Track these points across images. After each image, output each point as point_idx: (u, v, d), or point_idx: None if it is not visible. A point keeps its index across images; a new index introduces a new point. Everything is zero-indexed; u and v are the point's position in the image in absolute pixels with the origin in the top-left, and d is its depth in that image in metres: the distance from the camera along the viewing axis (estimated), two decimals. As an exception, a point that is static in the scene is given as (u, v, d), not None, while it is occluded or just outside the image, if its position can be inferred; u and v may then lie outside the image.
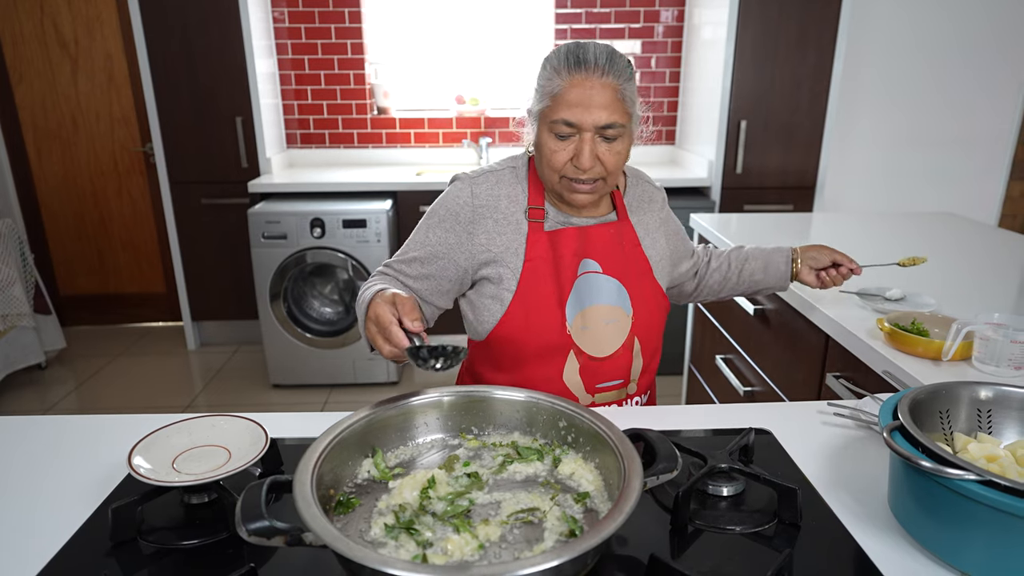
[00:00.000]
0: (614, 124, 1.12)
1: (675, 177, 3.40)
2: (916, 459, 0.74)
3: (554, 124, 1.14)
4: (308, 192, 3.35)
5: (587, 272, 1.25)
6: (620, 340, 1.27)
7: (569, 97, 1.11)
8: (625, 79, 1.13)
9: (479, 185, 1.26)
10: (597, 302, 1.25)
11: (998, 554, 0.73)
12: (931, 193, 3.78)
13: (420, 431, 0.98)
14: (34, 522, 0.88)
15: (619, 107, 1.12)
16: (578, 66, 1.11)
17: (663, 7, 3.65)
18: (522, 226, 1.25)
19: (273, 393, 3.31)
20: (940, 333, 1.33)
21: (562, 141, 1.15)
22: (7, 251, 3.19)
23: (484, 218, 1.24)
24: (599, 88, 1.11)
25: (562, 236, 1.25)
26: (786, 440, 1.07)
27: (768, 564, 0.76)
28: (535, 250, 1.24)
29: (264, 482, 0.74)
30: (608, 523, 0.68)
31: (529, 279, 1.23)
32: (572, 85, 1.11)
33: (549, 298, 1.23)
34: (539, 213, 1.25)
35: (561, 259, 1.24)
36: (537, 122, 1.19)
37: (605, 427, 0.88)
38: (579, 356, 1.26)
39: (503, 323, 1.25)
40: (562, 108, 1.12)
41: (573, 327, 1.24)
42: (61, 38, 3.62)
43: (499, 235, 1.24)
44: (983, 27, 3.51)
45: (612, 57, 1.12)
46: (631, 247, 1.29)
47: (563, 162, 1.16)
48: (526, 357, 1.26)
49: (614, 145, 1.15)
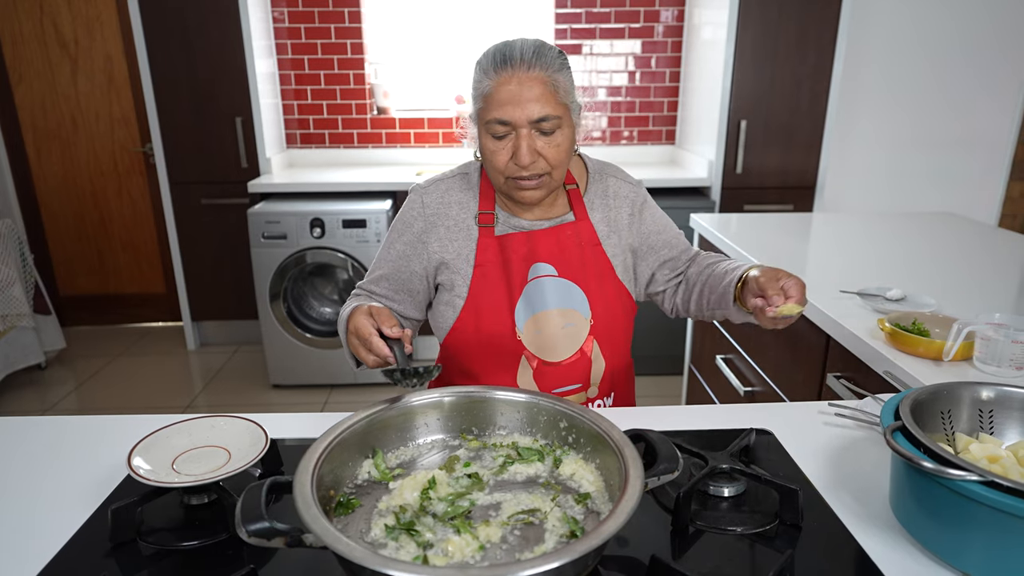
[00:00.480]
0: (548, 117, 1.11)
1: (675, 177, 3.40)
2: (918, 460, 0.74)
3: (489, 124, 1.14)
4: (308, 192, 3.34)
5: (539, 276, 1.24)
6: (577, 344, 1.25)
7: (499, 96, 1.11)
8: (555, 70, 1.12)
9: (429, 194, 1.27)
10: (550, 307, 1.24)
11: (999, 555, 0.72)
12: (931, 193, 3.78)
13: (420, 432, 0.98)
14: (34, 523, 0.88)
15: (551, 99, 1.12)
16: (504, 63, 1.11)
17: (663, 7, 3.65)
18: (473, 232, 1.25)
19: (273, 393, 3.31)
20: (941, 333, 1.33)
21: (500, 141, 1.14)
22: (7, 251, 3.19)
23: (436, 226, 1.26)
24: (528, 82, 1.10)
25: (511, 241, 1.24)
26: (787, 441, 1.07)
27: (770, 565, 0.76)
28: (485, 255, 1.24)
29: (264, 483, 0.74)
30: (609, 524, 0.68)
31: (479, 285, 1.24)
32: (500, 83, 1.11)
33: (499, 303, 1.23)
34: (489, 218, 1.25)
35: (510, 264, 1.24)
36: (476, 125, 1.19)
37: (606, 428, 0.87)
38: (531, 361, 1.25)
39: (456, 329, 1.26)
40: (494, 107, 1.12)
41: (524, 332, 1.24)
42: (61, 38, 3.62)
43: (451, 242, 1.25)
44: (983, 27, 3.51)
45: (539, 50, 1.12)
46: (590, 247, 1.27)
47: (504, 162, 1.15)
48: (480, 362, 1.26)
49: (553, 138, 1.14)
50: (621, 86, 3.79)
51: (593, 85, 3.79)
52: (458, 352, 1.28)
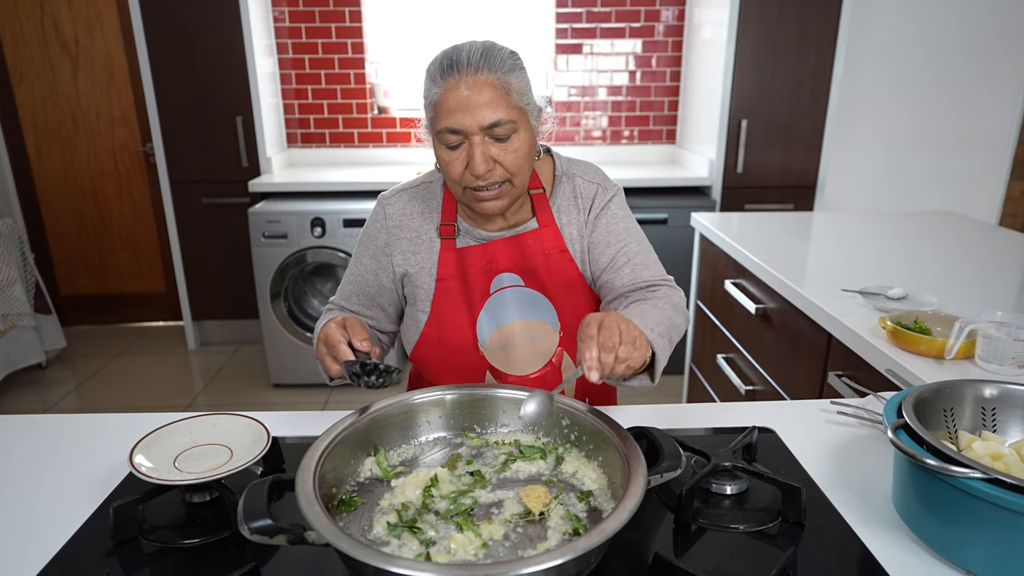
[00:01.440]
0: (500, 122, 1.04)
1: (676, 176, 3.40)
2: (921, 457, 0.74)
3: (440, 134, 1.07)
4: (308, 191, 3.34)
5: (504, 288, 1.20)
6: (546, 356, 1.22)
7: (448, 103, 1.04)
8: (505, 71, 1.05)
9: (392, 205, 1.24)
10: (517, 318, 1.20)
11: (1002, 552, 0.72)
12: (932, 192, 3.78)
13: (422, 429, 0.97)
14: (35, 521, 0.88)
15: (503, 102, 1.04)
16: (451, 69, 1.04)
17: (663, 7, 3.65)
18: (435, 244, 1.21)
19: (273, 393, 3.31)
20: (943, 332, 1.33)
21: (453, 151, 1.07)
22: (7, 251, 3.19)
23: (399, 238, 1.22)
24: (476, 87, 1.03)
25: (471, 253, 1.20)
26: (789, 439, 1.07)
27: (772, 563, 0.75)
28: (446, 269, 1.20)
29: (266, 481, 0.74)
30: (612, 522, 0.68)
31: (441, 299, 1.21)
32: (448, 90, 1.04)
33: (460, 318, 1.20)
34: (450, 230, 1.20)
35: (469, 277, 1.20)
36: (430, 135, 1.12)
37: (608, 425, 0.87)
38: (497, 376, 1.22)
39: (420, 343, 1.24)
40: (443, 116, 1.05)
41: (488, 347, 1.21)
42: (61, 38, 3.62)
43: (413, 254, 1.22)
44: (983, 27, 3.51)
45: (487, 52, 1.05)
46: (556, 254, 1.20)
47: (460, 172, 1.08)
48: (445, 377, 1.24)
49: (509, 143, 1.07)
50: (622, 85, 3.79)
51: (593, 85, 3.79)
52: (424, 366, 1.26)
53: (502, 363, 1.22)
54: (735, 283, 2.11)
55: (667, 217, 3.20)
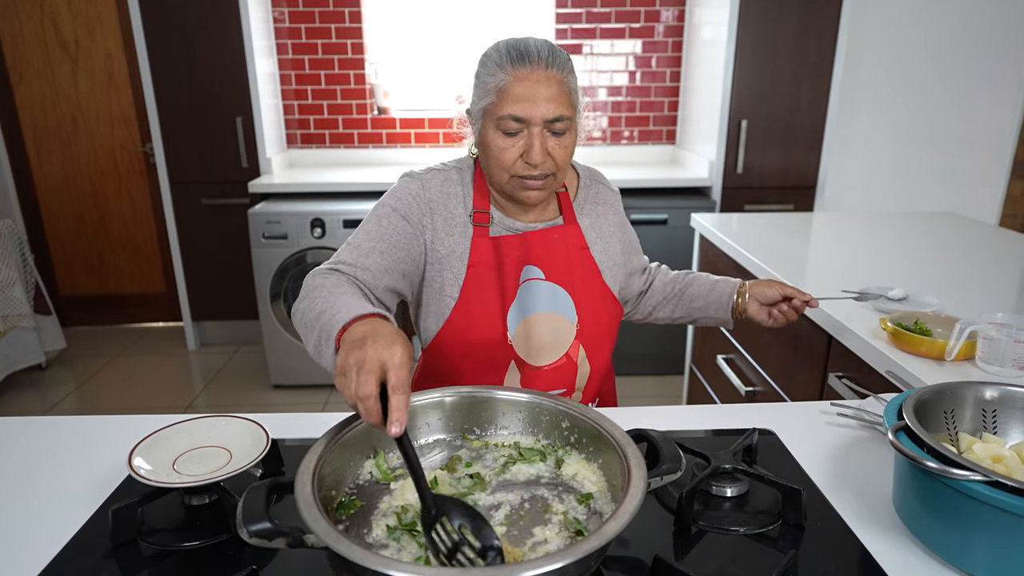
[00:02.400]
0: (562, 117, 1.10)
1: (676, 177, 3.40)
2: (921, 459, 0.74)
3: (501, 120, 1.10)
4: (308, 192, 3.34)
5: (529, 279, 1.21)
6: (563, 349, 1.23)
7: (515, 91, 1.08)
8: (568, 71, 1.11)
9: (429, 180, 1.22)
10: (539, 310, 1.21)
11: (1003, 555, 0.72)
12: (932, 192, 3.78)
13: (422, 432, 0.97)
14: (34, 523, 0.87)
15: (565, 100, 1.10)
16: (521, 60, 1.08)
17: (663, 7, 3.65)
18: (468, 230, 1.20)
19: (273, 393, 3.31)
20: (943, 333, 1.33)
21: (510, 138, 1.11)
22: (7, 251, 3.19)
23: (434, 214, 1.20)
24: (545, 81, 1.08)
25: (506, 243, 1.20)
26: (790, 440, 1.06)
27: (773, 565, 0.75)
28: (479, 255, 1.19)
29: (265, 483, 0.73)
30: (612, 524, 0.67)
31: (472, 286, 1.19)
32: (517, 79, 1.08)
33: (492, 307, 1.19)
34: (484, 217, 1.21)
35: (504, 267, 1.20)
36: (481, 120, 1.15)
37: (608, 428, 0.87)
38: (520, 367, 1.22)
39: (444, 331, 1.21)
40: (508, 103, 1.09)
41: (515, 337, 1.21)
42: (61, 38, 3.62)
43: (447, 235, 1.20)
44: (983, 26, 3.51)
45: (553, 50, 1.11)
46: (577, 251, 1.24)
47: (513, 159, 1.12)
48: (467, 367, 1.22)
49: (563, 139, 1.12)
50: (621, 86, 3.79)
51: (593, 85, 3.79)
52: (444, 356, 1.23)
53: (524, 353, 1.22)
54: (735, 284, 2.10)
55: (667, 218, 3.20)
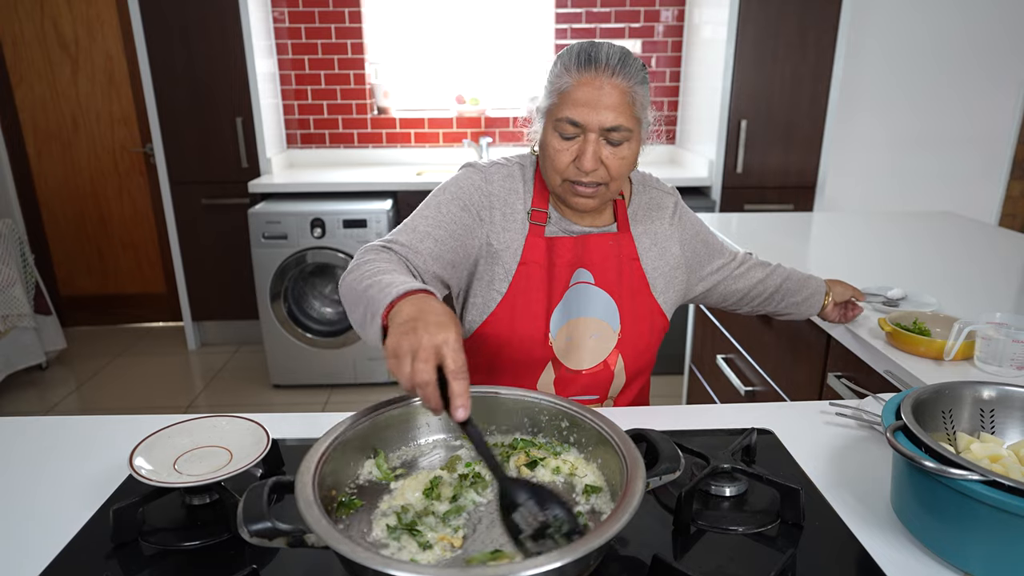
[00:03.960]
0: (620, 127, 1.08)
1: (675, 177, 3.40)
2: (919, 459, 0.74)
3: (559, 123, 1.10)
4: (308, 192, 3.35)
5: (580, 282, 1.21)
6: (602, 355, 1.23)
7: (576, 95, 1.08)
8: (637, 82, 1.09)
9: (492, 174, 1.21)
10: (585, 314, 1.21)
11: (1000, 554, 0.72)
12: (931, 192, 3.78)
13: (422, 432, 0.97)
14: (35, 523, 0.88)
15: (627, 110, 1.09)
16: (588, 64, 1.07)
17: (663, 7, 3.65)
18: (524, 226, 1.20)
19: (273, 393, 3.31)
20: (942, 333, 1.33)
21: (566, 141, 1.11)
22: (8, 252, 3.19)
23: (493, 208, 1.19)
24: (608, 88, 1.07)
25: (560, 244, 1.20)
26: (788, 440, 1.07)
27: (771, 564, 0.76)
28: (532, 254, 1.19)
29: (266, 483, 0.74)
30: (611, 524, 0.68)
31: (520, 284, 1.19)
32: (581, 83, 1.08)
33: (537, 306, 1.19)
34: (542, 216, 1.20)
35: (555, 267, 1.20)
36: (544, 120, 1.15)
37: (607, 427, 0.87)
38: (556, 368, 1.22)
39: (486, 325, 1.20)
40: (568, 106, 1.09)
41: (556, 339, 1.21)
42: (61, 39, 3.62)
43: (504, 230, 1.19)
44: (982, 26, 3.51)
45: (624, 59, 1.09)
46: (628, 261, 1.24)
47: (566, 163, 1.12)
48: (505, 363, 1.22)
49: (619, 149, 1.11)
50: (621, 86, 3.78)
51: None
52: (483, 350, 1.23)
53: (563, 355, 1.22)
54: (735, 284, 2.10)
55: (667, 217, 3.20)
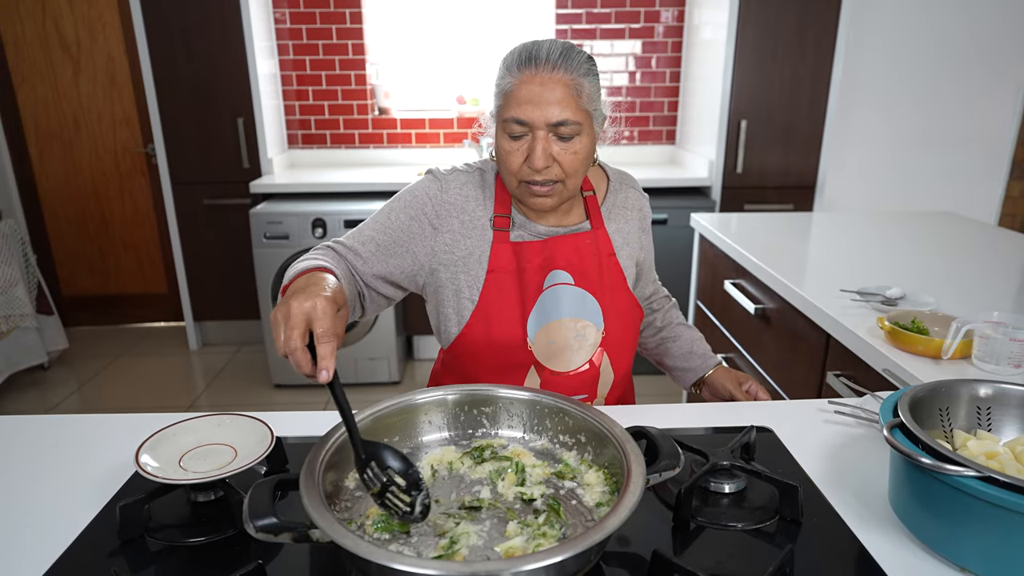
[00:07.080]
0: (567, 121, 1.06)
1: (675, 177, 3.41)
2: (916, 456, 0.75)
3: (506, 123, 1.09)
4: (309, 192, 3.36)
5: (556, 284, 1.20)
6: (587, 355, 1.23)
7: (520, 94, 1.07)
8: (581, 74, 1.07)
9: (449, 182, 1.21)
10: (564, 315, 1.20)
11: (996, 549, 0.73)
12: (931, 192, 3.79)
13: (425, 429, 0.98)
14: (42, 520, 0.89)
15: (573, 103, 1.07)
16: (529, 62, 1.07)
17: (663, 7, 3.66)
18: (487, 234, 1.19)
19: (275, 393, 3.32)
20: (940, 332, 1.34)
21: (516, 141, 1.10)
22: (10, 252, 3.20)
23: (450, 216, 1.19)
24: (551, 84, 1.06)
25: (527, 248, 1.19)
26: (787, 438, 1.08)
27: (770, 560, 0.76)
28: (499, 260, 1.18)
29: (271, 479, 0.75)
30: (611, 519, 0.69)
31: (491, 291, 1.18)
32: (523, 82, 1.07)
33: (511, 313, 1.19)
34: (505, 222, 1.19)
35: (525, 272, 1.19)
36: (495, 123, 1.14)
37: (608, 425, 0.88)
38: (540, 371, 1.22)
39: (463, 335, 1.21)
40: (513, 106, 1.08)
41: (536, 343, 1.20)
42: (63, 40, 3.63)
43: (464, 238, 1.19)
44: (982, 26, 3.52)
45: (567, 52, 1.07)
46: (606, 257, 1.23)
47: (519, 164, 1.10)
48: (486, 371, 1.22)
49: (571, 144, 1.09)
50: (621, 86, 3.80)
51: (593, 85, 3.79)
52: (463, 359, 1.24)
53: (546, 358, 1.21)
54: (734, 283, 2.12)
55: (667, 217, 3.22)
